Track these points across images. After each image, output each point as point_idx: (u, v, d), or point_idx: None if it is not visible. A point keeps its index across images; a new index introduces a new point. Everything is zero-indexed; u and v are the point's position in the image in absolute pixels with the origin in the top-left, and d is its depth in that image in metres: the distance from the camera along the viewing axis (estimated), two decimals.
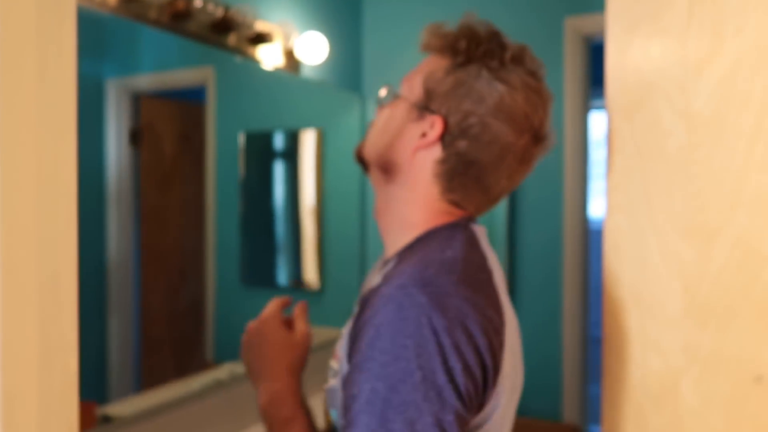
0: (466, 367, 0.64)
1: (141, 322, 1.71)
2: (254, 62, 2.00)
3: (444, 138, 0.76)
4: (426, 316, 0.64)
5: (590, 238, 2.45)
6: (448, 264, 0.70)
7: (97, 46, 1.59)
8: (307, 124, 2.29)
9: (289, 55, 2.10)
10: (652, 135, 0.75)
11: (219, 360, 1.92)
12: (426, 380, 0.63)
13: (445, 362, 0.63)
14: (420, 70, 0.81)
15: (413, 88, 0.80)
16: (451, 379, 0.63)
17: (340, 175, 2.42)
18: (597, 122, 4.89)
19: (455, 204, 0.79)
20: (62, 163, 0.48)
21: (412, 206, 0.80)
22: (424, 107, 0.78)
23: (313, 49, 2.10)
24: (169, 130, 1.87)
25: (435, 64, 0.79)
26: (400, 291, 0.66)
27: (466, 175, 0.77)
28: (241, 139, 2.06)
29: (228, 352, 1.96)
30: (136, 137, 1.67)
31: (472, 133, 0.76)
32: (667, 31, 0.72)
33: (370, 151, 0.83)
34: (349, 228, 2.49)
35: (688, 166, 0.68)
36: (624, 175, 0.80)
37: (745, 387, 0.58)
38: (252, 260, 2.13)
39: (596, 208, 4.83)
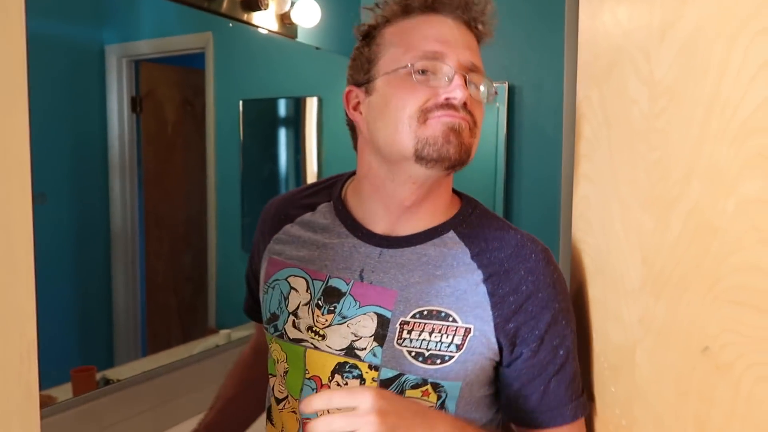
0: None
1: (145, 289, 1.74)
2: (251, 27, 1.98)
3: None
4: (557, 265, 0.85)
5: None
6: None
7: (96, 12, 1.59)
8: (307, 91, 2.28)
9: (285, 19, 2.07)
10: (618, 102, 0.73)
11: (221, 327, 1.95)
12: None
13: None
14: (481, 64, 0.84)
15: (489, 86, 0.84)
16: None
17: (339, 141, 2.40)
18: None
19: None
20: (12, 132, 0.48)
21: (451, 185, 0.89)
22: None
23: (308, 12, 2.07)
24: (170, 96, 1.87)
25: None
26: (547, 253, 0.84)
27: None
28: (241, 104, 2.05)
29: (230, 319, 1.99)
30: (136, 104, 1.68)
31: None
32: None
33: (472, 153, 0.83)
34: None
35: (650, 135, 0.67)
36: (592, 144, 0.79)
37: (693, 357, 0.57)
38: (253, 227, 2.14)
39: None
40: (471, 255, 0.82)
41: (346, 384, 0.83)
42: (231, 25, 1.92)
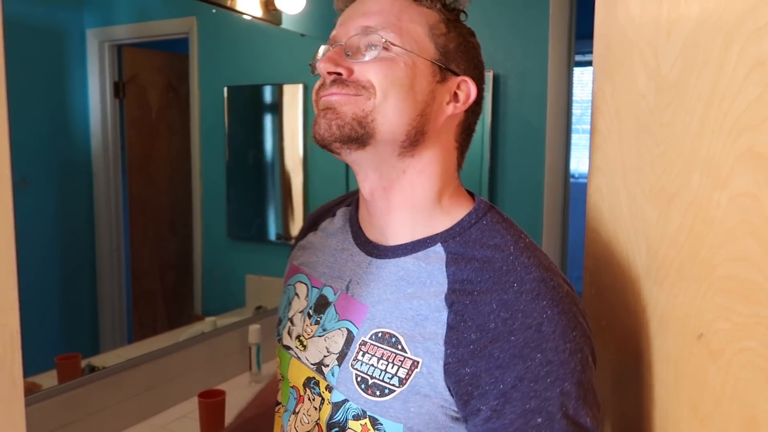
0: None
1: (131, 276, 1.73)
2: (235, 12, 1.97)
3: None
4: (575, 305, 0.65)
5: (571, 193, 2.46)
6: (539, 251, 0.69)
7: None
8: (292, 78, 2.27)
9: (269, 6, 2.06)
10: (628, 96, 0.75)
11: (207, 314, 1.95)
12: (594, 360, 0.65)
13: (593, 338, 0.66)
14: (406, 18, 0.71)
15: (420, 44, 0.71)
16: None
17: None
18: (580, 76, 4.84)
19: (460, 165, 0.78)
20: None
21: (435, 179, 0.73)
22: (446, 67, 0.72)
23: None
24: (154, 82, 1.85)
25: (423, 13, 0.72)
26: (545, 285, 0.64)
27: (474, 130, 0.78)
28: (226, 91, 2.04)
29: (216, 306, 1.99)
30: (119, 89, 1.66)
31: (482, 88, 0.75)
32: None
33: (394, 128, 0.69)
34: (333, 182, 2.50)
35: (656, 129, 0.69)
36: (604, 136, 0.81)
37: (690, 344, 0.60)
38: (238, 215, 2.14)
39: (577, 163, 4.83)
40: (447, 274, 0.69)
41: (314, 400, 0.77)
42: (214, 11, 1.90)
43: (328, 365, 0.74)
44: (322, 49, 0.76)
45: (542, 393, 0.61)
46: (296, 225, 2.36)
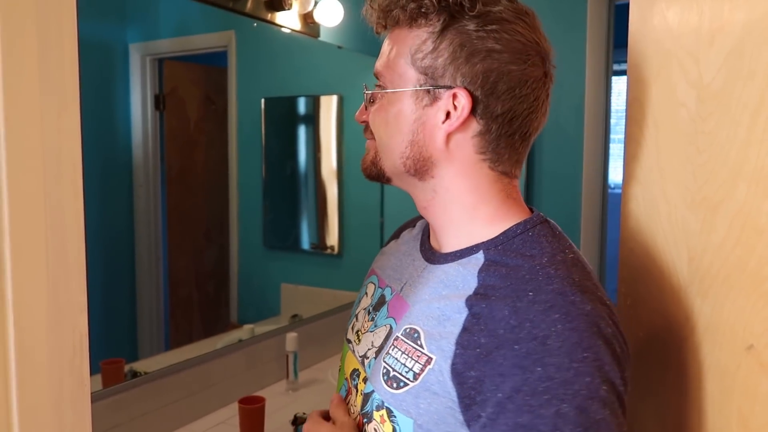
0: (628, 372, 0.63)
1: (168, 283, 1.76)
2: (274, 26, 2.00)
3: (475, 108, 0.70)
4: (596, 326, 0.60)
5: (609, 203, 2.42)
6: (580, 268, 0.67)
7: (120, 11, 1.61)
8: (328, 89, 2.29)
9: (308, 19, 2.10)
10: (666, 105, 0.75)
11: (243, 322, 1.97)
12: (612, 392, 0.59)
13: (621, 370, 0.61)
14: (394, 53, 0.73)
15: (402, 75, 0.72)
16: (625, 387, 0.61)
17: (359, 140, 2.41)
18: (619, 85, 4.77)
19: (505, 174, 0.75)
20: (66, 132, 0.50)
21: (463, 194, 0.74)
22: (433, 87, 0.71)
23: (331, 12, 2.09)
24: (193, 94, 1.89)
25: (410, 38, 0.72)
26: (562, 298, 0.61)
27: (512, 135, 0.73)
28: (263, 103, 2.07)
29: (252, 315, 2.02)
30: (159, 101, 1.70)
31: (500, 90, 0.70)
32: None
33: (393, 163, 0.76)
34: (368, 193, 2.51)
35: (697, 138, 0.68)
36: (640, 144, 0.80)
37: (738, 355, 0.59)
38: (274, 224, 2.16)
39: (616, 173, 4.74)
40: (478, 279, 0.69)
41: (354, 392, 0.82)
42: (255, 24, 1.94)
43: (368, 357, 0.80)
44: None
45: (537, 409, 0.58)
46: (331, 235, 2.38)
